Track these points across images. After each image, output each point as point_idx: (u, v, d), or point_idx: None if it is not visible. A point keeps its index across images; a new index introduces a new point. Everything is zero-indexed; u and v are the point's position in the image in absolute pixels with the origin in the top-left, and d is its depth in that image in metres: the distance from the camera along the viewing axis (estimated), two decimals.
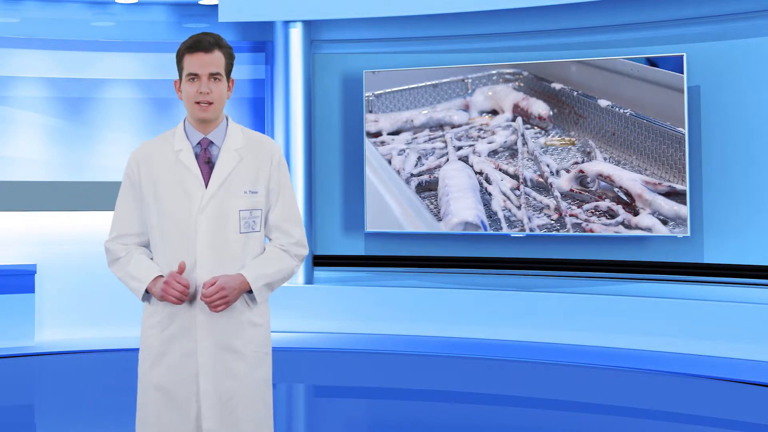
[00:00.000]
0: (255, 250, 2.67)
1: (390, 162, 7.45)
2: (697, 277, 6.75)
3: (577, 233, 6.92)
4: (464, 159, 7.27)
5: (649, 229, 6.70)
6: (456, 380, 6.08)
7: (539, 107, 7.08)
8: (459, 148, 7.29)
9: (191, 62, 2.61)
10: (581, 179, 6.92)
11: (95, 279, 7.22)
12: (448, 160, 7.31)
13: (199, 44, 2.61)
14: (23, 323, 6.92)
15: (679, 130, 6.60)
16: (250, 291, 2.63)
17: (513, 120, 7.15)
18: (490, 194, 7.18)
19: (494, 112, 7.22)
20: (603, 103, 6.87)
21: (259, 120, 7.87)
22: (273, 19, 7.47)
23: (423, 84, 7.39)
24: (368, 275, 7.68)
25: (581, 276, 7.13)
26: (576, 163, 6.95)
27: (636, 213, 6.73)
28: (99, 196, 7.25)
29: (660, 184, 6.66)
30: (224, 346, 2.63)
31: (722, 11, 6.70)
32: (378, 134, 7.48)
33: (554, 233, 7.00)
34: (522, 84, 7.13)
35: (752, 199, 6.63)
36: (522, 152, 7.11)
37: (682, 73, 6.57)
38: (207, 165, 2.65)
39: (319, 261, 7.70)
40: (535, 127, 7.08)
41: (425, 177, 7.37)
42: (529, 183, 7.07)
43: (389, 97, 7.46)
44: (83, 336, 7.22)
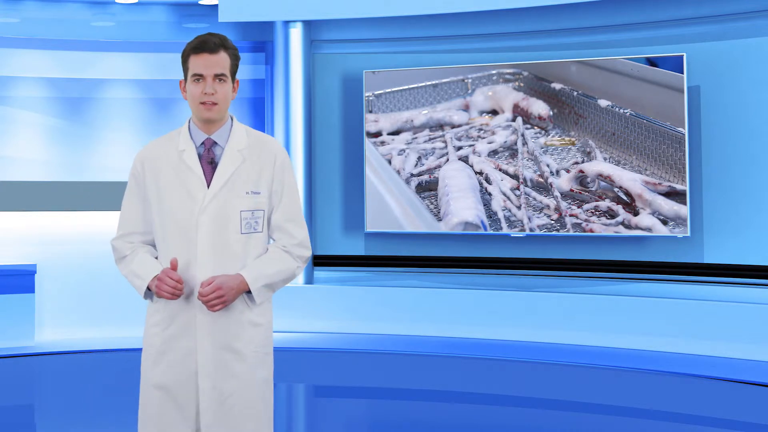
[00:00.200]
0: (257, 251, 2.67)
1: (390, 162, 7.45)
2: (697, 277, 6.75)
3: (577, 233, 6.92)
4: (464, 159, 7.27)
5: (649, 229, 6.70)
6: (456, 380, 6.08)
7: (539, 107, 7.08)
8: (459, 148, 7.28)
9: (196, 63, 2.61)
10: (581, 179, 6.92)
11: (95, 279, 7.23)
12: (448, 160, 7.31)
13: (205, 45, 2.61)
14: (23, 323, 6.92)
15: (679, 130, 6.60)
16: (250, 291, 2.63)
17: (513, 120, 7.15)
18: (490, 194, 7.18)
19: (494, 112, 7.22)
20: (603, 103, 6.87)
21: (259, 120, 7.87)
22: (273, 19, 7.47)
23: (423, 84, 7.39)
24: (368, 275, 7.68)
25: (581, 276, 7.13)
26: (576, 163, 6.95)
27: (636, 213, 6.73)
28: (99, 196, 7.25)
29: (660, 184, 6.66)
30: (224, 346, 2.63)
31: (722, 11, 6.70)
32: (378, 134, 7.48)
33: (554, 233, 7.00)
34: (522, 84, 7.13)
35: (752, 199, 6.63)
36: (522, 152, 7.11)
37: (682, 73, 6.57)
38: (210, 165, 2.66)
39: (319, 261, 7.70)
40: (535, 127, 7.08)
41: (425, 177, 7.37)
42: (529, 183, 7.07)
43: (389, 97, 7.45)
44: (83, 336, 7.22)
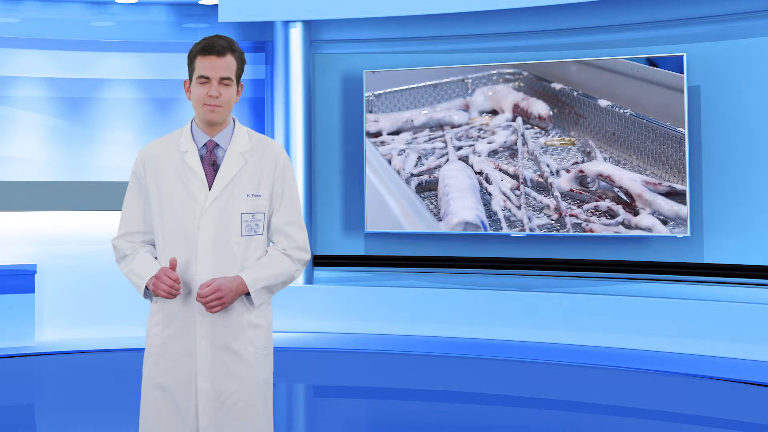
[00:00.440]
0: (257, 253, 2.68)
1: (390, 162, 7.45)
2: (697, 277, 6.75)
3: (577, 233, 6.92)
4: (464, 159, 7.27)
5: (649, 229, 6.70)
6: (456, 380, 6.08)
7: (539, 107, 7.08)
8: (459, 148, 7.28)
9: (203, 65, 2.61)
10: (581, 179, 6.92)
11: (95, 279, 7.23)
12: (448, 160, 7.31)
13: (213, 48, 2.60)
14: (23, 323, 6.92)
15: (679, 130, 6.60)
16: (249, 293, 2.63)
17: (513, 120, 7.15)
18: (490, 194, 7.18)
19: (494, 112, 7.22)
20: (603, 103, 6.87)
21: (259, 120, 7.87)
22: (273, 19, 7.47)
23: (423, 84, 7.39)
24: (368, 275, 7.68)
25: (581, 276, 7.13)
26: (576, 163, 6.95)
27: (636, 213, 6.73)
28: (99, 196, 7.25)
29: (660, 184, 6.66)
30: (223, 347, 2.63)
31: (722, 11, 6.70)
32: (378, 134, 7.48)
33: (554, 233, 7.00)
34: (522, 84, 7.13)
35: (752, 199, 6.63)
36: (522, 152, 7.11)
37: (682, 73, 6.57)
38: (212, 167, 2.66)
39: (319, 261, 7.70)
40: (535, 127, 7.08)
41: (425, 177, 7.37)
42: (529, 183, 7.07)
43: (389, 97, 7.45)
44: (83, 336, 7.22)
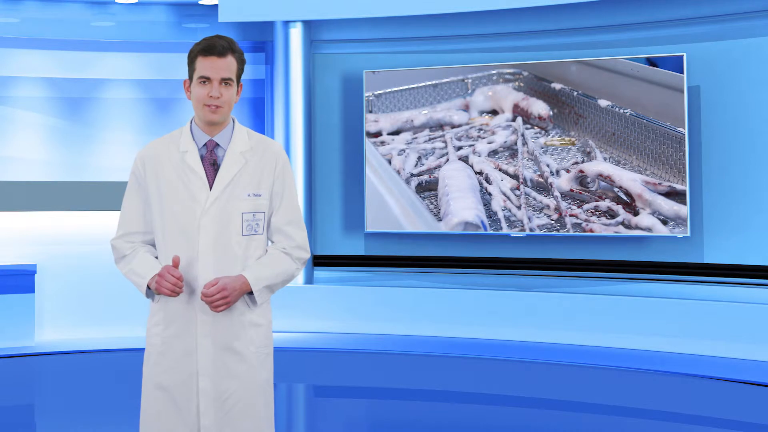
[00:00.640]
0: (257, 253, 2.69)
1: (390, 162, 7.45)
2: (697, 277, 6.75)
3: (577, 233, 6.92)
4: (464, 159, 7.27)
5: (649, 229, 6.70)
6: (456, 380, 6.08)
7: (539, 107, 7.08)
8: (459, 148, 7.28)
9: (204, 65, 2.61)
10: (581, 179, 6.92)
11: (95, 279, 7.23)
12: (448, 160, 7.31)
13: (214, 48, 2.61)
14: (23, 323, 6.92)
15: (679, 130, 6.60)
16: (251, 292, 2.64)
17: (513, 120, 7.15)
18: (490, 194, 7.18)
19: (494, 112, 7.22)
20: (603, 103, 6.87)
21: (259, 120, 7.87)
22: (273, 19, 7.47)
23: (423, 84, 7.39)
24: (368, 275, 7.68)
25: (581, 276, 7.13)
26: (576, 163, 6.95)
27: (636, 213, 6.73)
28: (99, 196, 7.25)
29: (660, 184, 6.66)
30: (224, 346, 2.64)
31: (722, 11, 6.70)
32: (378, 134, 7.48)
33: (554, 233, 7.00)
34: (522, 84, 7.13)
35: (752, 199, 6.63)
36: (522, 152, 7.11)
37: (682, 73, 6.57)
38: (212, 167, 2.67)
39: (319, 261, 7.70)
40: (535, 127, 7.08)
41: (425, 177, 7.37)
42: (529, 183, 7.07)
43: (389, 97, 7.46)
44: (83, 336, 7.22)
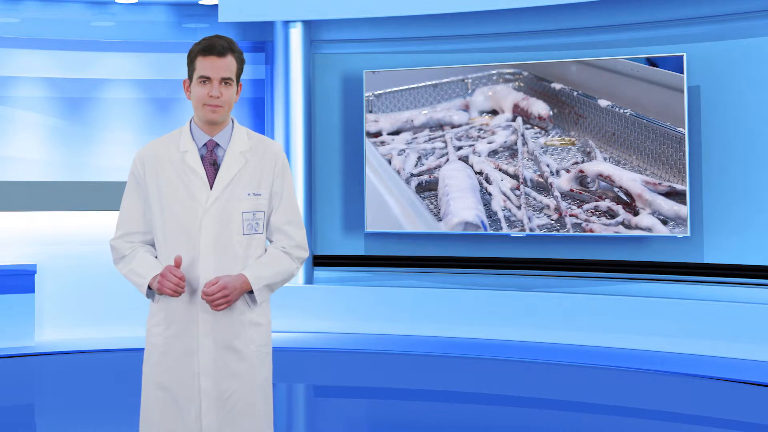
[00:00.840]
0: (257, 252, 2.70)
1: (390, 162, 7.45)
2: (697, 277, 6.75)
3: (577, 233, 6.92)
4: (464, 159, 7.27)
5: (649, 229, 6.70)
6: (456, 380, 6.08)
7: (539, 107, 7.08)
8: (459, 148, 7.28)
9: (204, 65, 2.62)
10: (581, 179, 6.92)
11: (95, 279, 7.23)
12: (448, 160, 7.31)
13: (214, 48, 2.62)
14: (23, 323, 6.92)
15: (679, 130, 6.60)
16: (251, 291, 2.65)
17: (513, 120, 7.15)
18: (490, 194, 7.18)
19: (494, 112, 7.22)
20: (603, 103, 6.87)
21: (259, 120, 7.87)
22: (273, 19, 7.47)
23: (423, 84, 7.39)
24: (368, 275, 7.68)
25: (581, 276, 7.13)
26: (576, 163, 6.95)
27: (636, 213, 6.73)
28: (99, 196, 7.25)
29: (660, 184, 6.66)
30: (225, 346, 2.64)
31: (722, 11, 6.70)
32: (378, 134, 7.48)
33: (554, 233, 7.00)
34: (522, 84, 7.13)
35: (752, 199, 6.63)
36: (522, 152, 7.11)
37: (682, 73, 6.57)
38: (212, 167, 2.67)
39: (319, 261, 7.70)
40: (535, 127, 7.08)
41: (425, 177, 7.37)
42: (529, 183, 7.07)
43: (389, 97, 7.46)
44: (83, 336, 7.22)
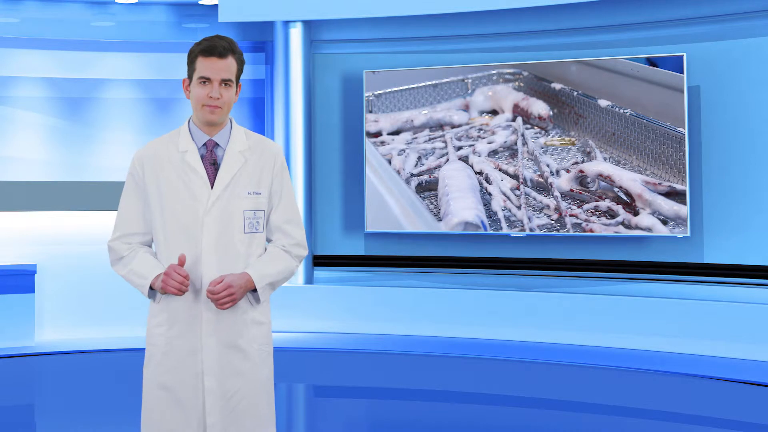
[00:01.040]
0: (258, 251, 2.71)
1: (390, 162, 7.45)
2: (697, 277, 6.75)
3: (577, 233, 6.92)
4: (464, 159, 7.27)
5: (649, 229, 6.70)
6: (456, 380, 6.08)
7: (539, 107, 7.08)
8: (459, 148, 7.28)
9: (204, 66, 2.62)
10: (581, 179, 6.92)
11: (95, 279, 7.23)
12: (448, 160, 7.31)
13: (214, 49, 2.62)
14: (23, 323, 6.92)
15: (679, 130, 6.60)
16: (254, 290, 2.66)
17: (513, 120, 7.15)
18: (490, 194, 7.18)
19: (494, 112, 7.22)
20: (603, 103, 6.87)
21: (259, 120, 7.87)
22: (273, 19, 7.47)
23: (423, 84, 7.39)
24: (368, 275, 7.68)
25: (581, 276, 7.13)
26: (576, 163, 6.95)
27: (636, 213, 6.73)
28: (99, 196, 7.25)
29: (660, 184, 6.66)
30: (229, 344, 2.65)
31: (722, 11, 6.70)
32: (378, 134, 7.48)
33: (554, 233, 7.00)
34: (522, 84, 7.13)
35: (752, 199, 6.63)
36: (522, 152, 7.11)
37: (682, 73, 6.58)
38: (212, 166, 2.68)
39: (319, 261, 7.70)
40: (535, 127, 7.08)
41: (425, 177, 7.37)
42: (529, 183, 7.07)
43: (389, 97, 7.46)
44: (83, 336, 7.22)
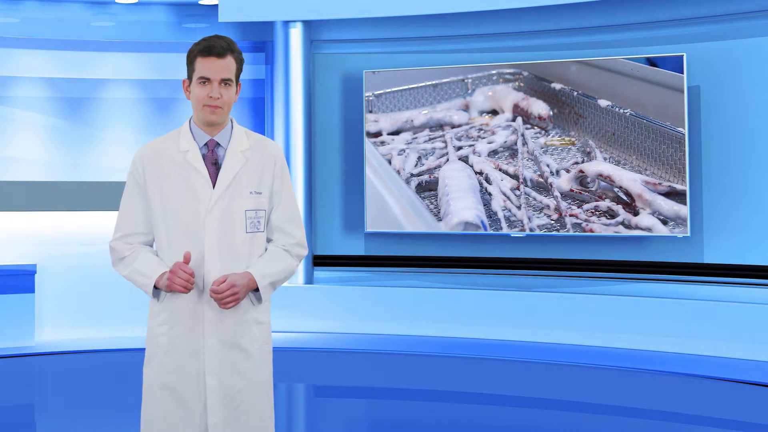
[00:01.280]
0: (259, 250, 2.72)
1: (390, 162, 7.45)
2: (697, 277, 6.75)
3: (577, 233, 6.92)
4: (464, 159, 7.27)
5: (649, 229, 6.70)
6: (456, 380, 6.08)
7: (539, 107, 7.08)
8: (459, 148, 7.28)
9: (204, 66, 2.62)
10: (581, 179, 6.92)
11: (95, 279, 7.23)
12: (448, 160, 7.31)
13: (213, 49, 2.62)
14: (23, 323, 6.92)
15: (679, 130, 6.61)
16: (255, 289, 2.66)
17: (513, 120, 7.15)
18: (490, 194, 7.18)
19: (494, 112, 7.22)
20: (603, 103, 6.87)
21: (259, 120, 7.87)
22: (273, 19, 7.47)
23: (423, 84, 7.39)
24: (368, 275, 7.68)
25: (581, 276, 7.13)
26: (576, 163, 6.95)
27: (636, 213, 6.73)
28: (99, 196, 7.25)
29: (660, 184, 6.66)
30: (231, 344, 2.66)
31: (722, 11, 6.70)
32: (378, 134, 7.48)
33: (554, 233, 7.00)
34: (522, 84, 7.13)
35: (752, 199, 6.63)
36: (522, 152, 7.11)
37: (682, 73, 6.58)
38: (214, 166, 2.68)
39: (319, 261, 7.70)
40: (535, 127, 7.08)
41: (425, 177, 7.37)
42: (529, 183, 7.07)
43: (389, 97, 7.46)
44: (83, 336, 7.22)
